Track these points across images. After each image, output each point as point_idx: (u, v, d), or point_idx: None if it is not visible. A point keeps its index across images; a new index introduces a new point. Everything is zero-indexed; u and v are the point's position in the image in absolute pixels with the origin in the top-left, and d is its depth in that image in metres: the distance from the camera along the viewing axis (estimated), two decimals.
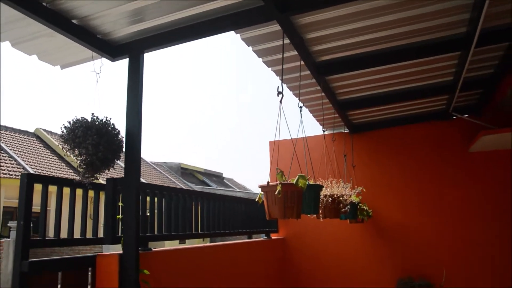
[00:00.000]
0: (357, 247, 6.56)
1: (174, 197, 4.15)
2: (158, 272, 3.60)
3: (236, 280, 5.04)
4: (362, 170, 6.56)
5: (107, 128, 3.20)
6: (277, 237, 6.83)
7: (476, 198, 6.21)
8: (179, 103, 78.98)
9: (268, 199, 2.63)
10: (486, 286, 6.02)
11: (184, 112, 77.02)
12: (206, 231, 4.71)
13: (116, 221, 3.36)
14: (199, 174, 28.46)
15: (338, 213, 4.04)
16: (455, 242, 6.21)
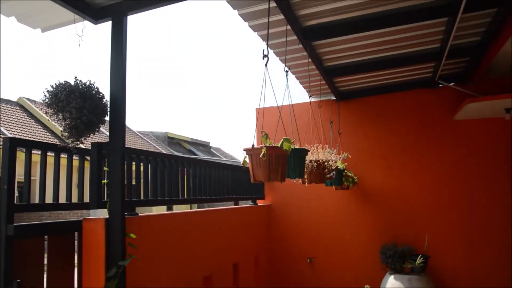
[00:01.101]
0: (342, 213, 6.67)
1: (160, 163, 4.14)
2: (145, 236, 3.63)
3: (223, 245, 5.11)
4: (348, 138, 6.61)
5: (91, 92, 3.16)
6: (264, 204, 6.91)
7: (460, 166, 6.31)
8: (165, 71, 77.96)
9: (253, 162, 2.64)
10: (467, 250, 6.20)
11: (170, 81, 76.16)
12: (192, 197, 4.74)
13: (101, 186, 3.36)
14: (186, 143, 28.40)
15: (323, 178, 4.07)
16: (438, 210, 6.34)
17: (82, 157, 3.59)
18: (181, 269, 4.15)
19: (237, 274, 5.43)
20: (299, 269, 6.77)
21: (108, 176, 3.28)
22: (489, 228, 6.15)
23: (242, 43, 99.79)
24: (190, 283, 4.29)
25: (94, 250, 3.21)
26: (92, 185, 3.32)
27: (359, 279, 6.39)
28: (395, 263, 5.90)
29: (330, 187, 6.15)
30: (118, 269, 3.11)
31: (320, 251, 6.71)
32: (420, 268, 5.81)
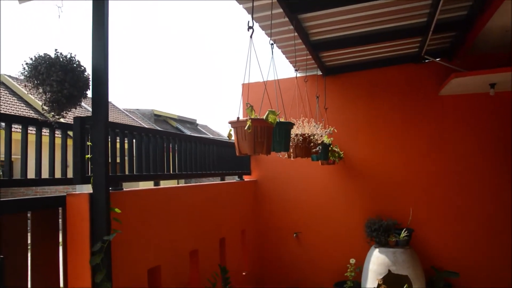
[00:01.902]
0: (328, 188, 6.72)
1: (144, 138, 4.10)
2: (130, 211, 3.61)
3: (209, 220, 5.12)
4: (334, 113, 6.60)
5: (72, 65, 3.08)
6: (250, 179, 6.92)
7: (445, 142, 6.37)
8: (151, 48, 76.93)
9: (238, 135, 2.62)
10: (450, 224, 6.31)
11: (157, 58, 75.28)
12: (178, 172, 4.72)
13: (85, 161, 3.31)
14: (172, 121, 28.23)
15: (309, 153, 4.07)
16: (423, 184, 6.42)
17: (64, 132, 3.54)
18: (167, 243, 4.15)
19: (223, 248, 5.46)
20: (285, 243, 6.83)
21: (92, 150, 3.23)
22: (472, 202, 6.25)
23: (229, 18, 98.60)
24: (176, 257, 4.30)
25: (78, 225, 3.18)
26: (76, 160, 3.28)
27: (345, 252, 6.48)
28: (380, 236, 5.98)
29: (316, 162, 6.18)
30: (103, 243, 3.10)
31: (306, 225, 6.77)
32: (405, 241, 5.90)
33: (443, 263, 6.28)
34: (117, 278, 3.26)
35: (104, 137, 3.14)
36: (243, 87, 6.46)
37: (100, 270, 3.08)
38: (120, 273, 3.36)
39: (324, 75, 6.70)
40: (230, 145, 6.06)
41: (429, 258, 6.29)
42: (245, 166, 6.81)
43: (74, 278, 3.18)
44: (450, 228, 6.31)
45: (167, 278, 4.08)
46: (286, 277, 6.76)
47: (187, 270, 4.49)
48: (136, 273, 3.65)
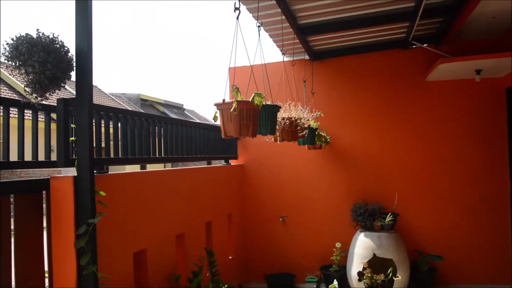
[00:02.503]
0: (314, 172, 6.74)
1: (130, 121, 4.05)
2: (116, 194, 3.58)
3: (196, 204, 5.11)
4: (321, 98, 6.60)
5: (54, 45, 3.01)
6: (237, 163, 6.91)
7: (431, 127, 6.43)
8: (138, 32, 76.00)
9: (223, 117, 2.60)
10: (434, 209, 6.39)
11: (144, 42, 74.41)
12: (164, 156, 4.69)
13: (69, 143, 3.27)
14: (159, 106, 28.03)
15: (295, 136, 4.07)
16: (408, 169, 6.48)
17: (48, 114, 3.48)
18: (153, 227, 4.14)
19: (210, 232, 5.47)
20: (272, 227, 6.87)
21: (76, 133, 3.18)
22: (455, 187, 6.34)
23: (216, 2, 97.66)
24: (162, 241, 4.30)
25: (62, 208, 3.15)
26: (59, 142, 3.23)
27: (331, 236, 6.54)
28: (366, 221, 6.04)
29: (302, 147, 6.18)
30: (88, 226, 3.07)
31: (293, 210, 6.80)
32: (390, 225, 5.97)
33: (427, 247, 6.38)
34: (102, 261, 3.24)
35: (88, 119, 3.09)
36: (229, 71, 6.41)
37: (85, 253, 3.06)
38: (106, 256, 3.35)
39: (312, 59, 6.68)
40: (217, 129, 6.03)
41: (413, 242, 6.38)
42: (232, 150, 6.80)
43: (58, 261, 3.15)
44: (435, 213, 6.39)
45: (153, 262, 4.08)
46: (272, 260, 6.80)
47: (173, 253, 4.49)
48: (121, 257, 3.64)
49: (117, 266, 3.55)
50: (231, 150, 6.74)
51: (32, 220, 3.16)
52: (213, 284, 4.53)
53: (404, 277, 5.77)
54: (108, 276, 3.23)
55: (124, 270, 3.66)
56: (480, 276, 6.26)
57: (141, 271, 4.01)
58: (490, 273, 6.24)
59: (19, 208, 3.07)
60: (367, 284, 5.70)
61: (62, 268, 3.14)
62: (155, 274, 4.09)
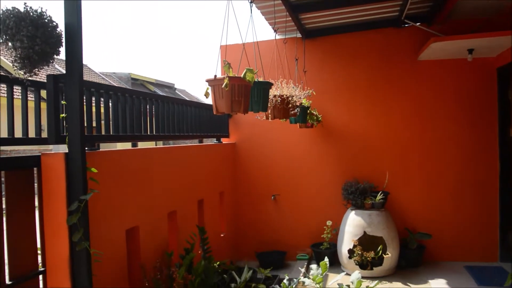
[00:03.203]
0: (306, 151, 6.76)
1: (121, 98, 4.02)
2: (108, 171, 3.58)
3: (187, 182, 5.12)
4: (313, 76, 6.58)
5: (43, 20, 2.96)
6: (228, 142, 6.91)
7: (422, 106, 6.46)
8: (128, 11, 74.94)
9: (215, 93, 2.59)
10: (424, 187, 6.45)
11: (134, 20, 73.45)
12: (156, 133, 4.67)
13: (59, 120, 3.24)
14: (150, 85, 27.82)
15: (287, 114, 4.07)
16: (399, 149, 6.53)
17: (37, 90, 3.44)
18: (145, 204, 4.15)
19: (201, 210, 5.50)
20: (263, 206, 6.91)
21: (67, 109, 3.15)
22: (446, 166, 6.40)
23: None
24: (154, 218, 4.31)
25: (54, 185, 3.14)
26: (50, 119, 3.20)
27: (322, 214, 6.60)
28: (356, 199, 6.10)
29: (294, 126, 6.19)
30: (80, 203, 3.07)
31: (284, 188, 6.84)
32: (380, 204, 6.03)
33: (416, 225, 6.46)
34: (95, 238, 3.25)
35: (79, 94, 3.06)
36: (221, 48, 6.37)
37: (78, 229, 3.06)
38: (98, 233, 3.36)
39: (304, 38, 6.63)
40: (208, 107, 6.01)
41: (403, 220, 6.46)
42: (224, 128, 6.78)
43: (51, 237, 3.16)
44: (425, 192, 6.47)
45: (145, 239, 4.10)
46: (263, 238, 6.86)
47: (165, 231, 4.51)
48: (114, 233, 3.65)
49: (109, 243, 3.57)
50: (222, 129, 6.73)
51: (24, 197, 3.15)
52: (206, 261, 4.57)
53: (393, 255, 5.86)
54: (100, 252, 3.25)
55: (116, 247, 3.68)
56: (468, 254, 6.37)
57: (133, 248, 4.04)
58: (478, 251, 6.35)
59: (10, 185, 3.05)
60: (357, 261, 5.79)
61: (54, 245, 3.15)
62: (147, 251, 4.12)
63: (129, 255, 3.97)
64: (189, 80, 62.15)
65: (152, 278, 3.88)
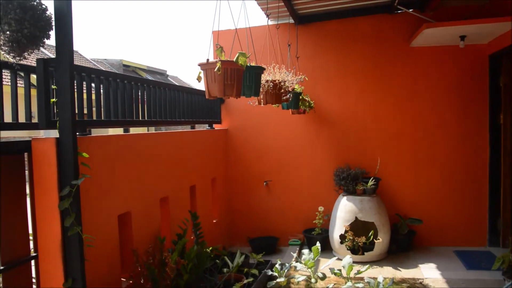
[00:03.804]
0: (298, 137, 6.77)
1: (112, 83, 3.99)
2: (99, 156, 3.57)
3: (180, 167, 5.12)
4: (306, 62, 6.56)
5: (31, 2, 2.91)
6: (221, 128, 6.90)
7: (414, 93, 6.48)
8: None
9: (207, 77, 2.58)
10: (415, 174, 6.50)
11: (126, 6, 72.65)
12: (148, 119, 4.65)
13: (50, 105, 3.22)
14: (142, 71, 27.63)
15: (279, 99, 4.06)
16: (391, 135, 6.56)
17: (27, 75, 3.40)
18: (137, 190, 4.15)
19: (194, 196, 5.50)
20: (255, 192, 6.93)
21: (57, 94, 3.13)
22: (436, 153, 6.45)
23: None
24: (146, 204, 4.32)
25: (45, 170, 3.12)
26: (40, 103, 3.17)
27: (314, 200, 6.63)
28: (348, 185, 6.13)
29: (286, 112, 6.19)
30: (72, 188, 3.06)
31: (276, 174, 6.86)
32: (372, 189, 6.07)
33: (407, 210, 6.52)
34: (87, 223, 3.25)
35: (69, 78, 3.04)
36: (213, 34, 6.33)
37: (69, 214, 3.06)
38: (90, 218, 3.36)
39: (296, 23, 6.60)
40: (200, 93, 5.98)
41: (394, 206, 6.51)
42: (216, 115, 6.77)
43: (43, 223, 3.15)
44: (416, 178, 6.51)
45: (137, 224, 4.11)
46: (256, 224, 6.90)
47: (158, 216, 4.52)
48: (106, 218, 3.65)
49: (101, 228, 3.57)
50: (215, 115, 6.72)
51: (15, 182, 3.14)
52: (198, 246, 4.59)
53: (384, 240, 5.92)
54: (93, 237, 3.25)
55: (109, 232, 3.68)
56: (457, 239, 6.46)
57: (125, 233, 4.04)
58: (467, 236, 6.44)
59: (0, 171, 3.04)
60: (349, 246, 5.84)
61: (46, 230, 3.14)
62: (140, 237, 4.13)
63: (122, 240, 3.97)
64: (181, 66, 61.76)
65: (145, 263, 3.89)
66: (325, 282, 4.96)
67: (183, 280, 4.14)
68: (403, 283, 5.03)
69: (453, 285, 5.00)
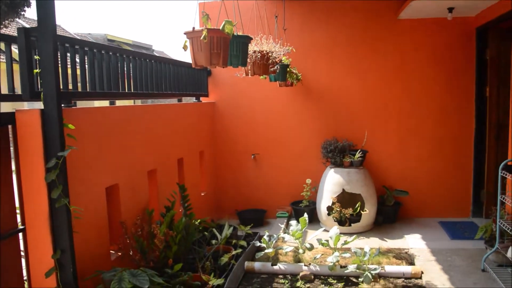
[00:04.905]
0: (286, 110, 6.76)
1: (97, 54, 3.92)
2: (86, 128, 3.53)
3: (167, 140, 5.09)
4: (293, 35, 6.49)
5: None
6: (208, 101, 6.86)
7: (402, 66, 6.48)
8: None
9: (193, 46, 2.54)
10: (401, 146, 6.56)
11: None
12: (134, 91, 4.60)
13: (33, 76, 3.15)
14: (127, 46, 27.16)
15: (267, 70, 4.03)
16: (379, 108, 6.58)
17: (8, 45, 3.32)
18: (124, 162, 4.13)
19: (182, 169, 5.50)
20: (243, 165, 6.94)
21: (40, 64, 3.06)
22: (423, 125, 6.51)
23: None
24: (134, 176, 4.30)
25: (30, 142, 3.08)
26: (23, 74, 3.10)
27: (301, 173, 6.67)
28: (336, 157, 6.17)
29: (274, 84, 6.16)
30: (58, 160, 3.03)
31: (264, 147, 6.87)
32: (359, 162, 6.12)
33: (394, 183, 6.61)
34: (74, 196, 3.23)
35: (52, 48, 2.97)
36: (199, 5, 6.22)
37: (56, 186, 3.03)
38: (78, 190, 3.34)
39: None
40: (187, 65, 5.92)
41: (381, 178, 6.59)
42: (203, 88, 6.71)
43: (29, 195, 3.13)
44: (402, 151, 6.58)
45: (125, 196, 4.10)
46: (244, 197, 6.93)
47: (146, 189, 4.51)
48: (94, 191, 3.64)
49: (89, 200, 3.56)
50: (202, 88, 6.66)
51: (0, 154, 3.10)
52: (186, 218, 4.61)
53: (371, 211, 6.00)
54: (80, 208, 3.24)
55: (97, 204, 3.67)
56: (442, 210, 6.58)
57: (114, 206, 4.04)
58: (452, 207, 6.56)
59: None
60: (336, 218, 5.91)
61: (33, 202, 3.12)
62: (128, 209, 4.13)
63: (110, 213, 3.97)
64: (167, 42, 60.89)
65: (134, 235, 3.90)
66: (312, 253, 5.04)
67: (172, 251, 4.17)
68: (389, 253, 5.12)
69: (438, 254, 5.11)
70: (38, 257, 3.15)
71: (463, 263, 4.82)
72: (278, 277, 4.67)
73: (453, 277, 4.46)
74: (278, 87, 6.23)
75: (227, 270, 4.39)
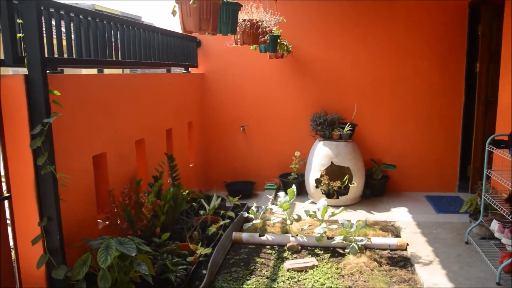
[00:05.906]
0: (276, 82, 6.72)
1: (83, 21, 3.83)
2: (72, 96, 3.47)
3: (155, 110, 5.04)
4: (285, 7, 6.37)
5: None
6: (197, 72, 6.78)
7: (392, 41, 6.44)
8: None
9: (182, 11, 2.48)
10: (391, 121, 6.57)
11: None
12: (122, 59, 4.51)
13: (16, 40, 3.06)
14: None
15: (257, 40, 3.98)
16: (369, 82, 6.57)
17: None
18: (112, 131, 4.08)
19: (170, 139, 5.47)
20: (232, 136, 6.92)
21: (24, 29, 2.98)
22: (412, 100, 6.53)
23: None
24: (122, 146, 4.27)
25: (15, 108, 3.02)
26: (5, 39, 3.01)
27: (290, 145, 6.68)
28: (325, 130, 6.17)
29: (264, 56, 6.10)
30: (44, 126, 2.98)
31: (254, 119, 6.84)
32: (348, 135, 6.13)
33: (382, 156, 6.65)
34: (61, 164, 3.19)
35: (36, 11, 2.89)
36: None
37: (42, 153, 3.00)
38: (64, 158, 3.30)
39: None
40: (176, 35, 5.82)
41: (369, 151, 6.62)
42: (192, 58, 6.62)
43: (14, 163, 3.09)
44: (391, 125, 6.60)
45: (113, 166, 4.07)
46: (232, 169, 6.94)
47: (133, 158, 4.49)
48: (80, 159, 3.60)
49: (76, 168, 3.52)
50: (191, 58, 6.57)
51: None
52: (174, 188, 4.61)
53: (359, 184, 6.05)
54: (67, 176, 3.21)
55: (84, 172, 3.64)
56: (429, 185, 6.65)
57: (101, 175, 4.02)
58: (439, 182, 6.64)
59: None
60: (324, 191, 5.95)
61: (19, 170, 3.09)
62: (115, 178, 4.11)
63: (97, 181, 3.95)
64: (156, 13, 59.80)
65: (121, 204, 3.89)
66: (300, 224, 5.08)
67: (160, 221, 4.18)
68: (375, 225, 5.18)
69: (423, 227, 5.18)
70: (24, 225, 3.13)
71: (448, 235, 4.90)
72: (266, 247, 4.72)
73: (438, 249, 4.53)
74: (269, 58, 6.16)
75: (215, 240, 4.42)
